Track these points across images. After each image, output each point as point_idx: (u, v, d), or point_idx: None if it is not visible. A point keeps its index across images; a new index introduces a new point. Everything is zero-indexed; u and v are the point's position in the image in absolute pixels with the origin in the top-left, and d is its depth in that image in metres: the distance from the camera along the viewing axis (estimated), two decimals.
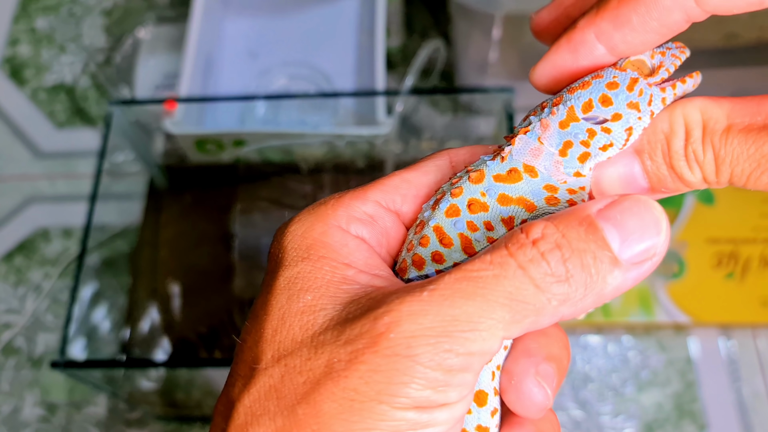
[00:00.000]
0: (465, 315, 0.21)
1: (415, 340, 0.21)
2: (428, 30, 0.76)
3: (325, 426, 0.21)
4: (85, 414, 0.61)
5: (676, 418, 0.59)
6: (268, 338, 0.23)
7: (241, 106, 0.67)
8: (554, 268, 0.22)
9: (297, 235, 0.26)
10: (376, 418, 0.21)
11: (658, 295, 0.60)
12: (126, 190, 0.67)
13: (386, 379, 0.21)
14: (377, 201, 0.27)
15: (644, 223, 0.23)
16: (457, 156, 0.28)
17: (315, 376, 0.22)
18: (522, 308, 0.22)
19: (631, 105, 0.25)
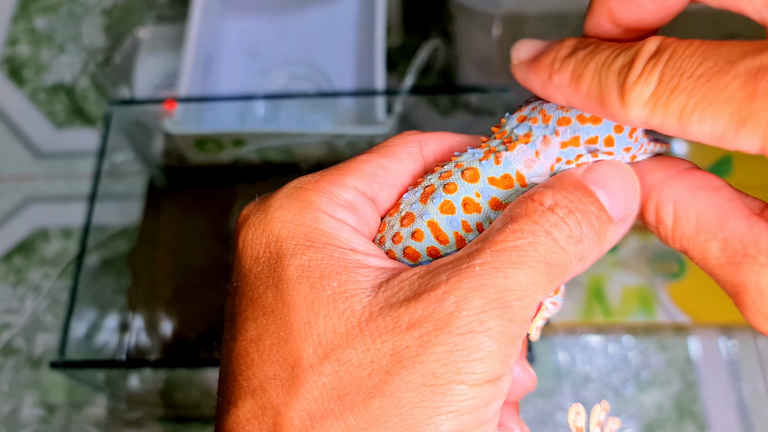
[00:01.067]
0: (517, 284, 0.22)
1: (485, 314, 0.21)
2: (428, 29, 0.76)
3: (409, 416, 0.20)
4: (84, 414, 0.61)
5: (677, 418, 0.59)
6: (302, 332, 0.22)
7: (240, 105, 0.67)
8: (574, 230, 0.24)
9: (287, 222, 0.24)
10: (457, 399, 0.21)
11: (658, 295, 0.60)
12: (125, 190, 0.66)
13: (464, 357, 0.21)
14: (356, 188, 0.26)
15: (624, 183, 0.25)
16: (428, 143, 0.28)
17: (382, 367, 0.21)
18: (554, 271, 0.23)
19: (626, 149, 0.27)
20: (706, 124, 0.20)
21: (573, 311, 0.60)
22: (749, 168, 0.64)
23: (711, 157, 0.65)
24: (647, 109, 0.21)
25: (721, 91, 0.19)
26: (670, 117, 0.21)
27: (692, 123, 0.20)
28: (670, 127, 0.21)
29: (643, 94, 0.21)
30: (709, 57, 0.20)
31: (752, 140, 0.19)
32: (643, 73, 0.21)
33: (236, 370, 0.23)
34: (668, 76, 0.21)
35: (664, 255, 0.62)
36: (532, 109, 0.28)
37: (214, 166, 0.66)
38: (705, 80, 0.20)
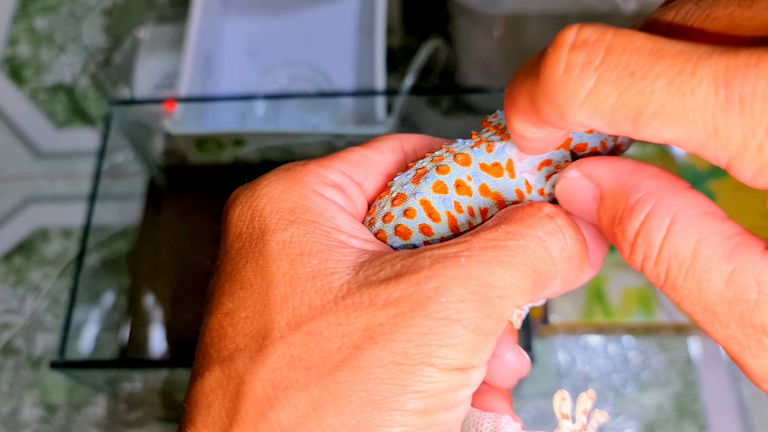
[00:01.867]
0: (500, 282, 0.22)
1: (464, 304, 0.21)
2: (428, 29, 0.76)
3: (375, 391, 0.20)
4: (84, 414, 0.61)
5: (677, 418, 0.59)
6: (277, 306, 0.22)
7: (240, 105, 0.67)
8: (569, 244, 0.23)
9: (273, 198, 0.24)
10: (425, 380, 0.21)
11: (658, 295, 0.60)
12: (125, 190, 0.66)
13: (437, 341, 0.21)
14: (343, 171, 0.26)
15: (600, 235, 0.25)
16: (408, 141, 0.29)
17: (352, 341, 0.21)
18: (539, 279, 0.23)
19: None
20: (668, 131, 0.18)
21: (573, 311, 0.60)
22: None
23: None
24: (586, 112, 0.19)
25: (687, 97, 0.17)
26: (622, 120, 0.18)
27: (650, 128, 0.18)
28: (615, 131, 0.19)
29: (578, 93, 0.18)
30: (663, 54, 0.18)
31: (721, 154, 0.18)
32: (570, 67, 0.19)
33: (208, 342, 0.23)
34: (612, 74, 0.18)
35: None
36: None
37: (214, 166, 0.66)
38: (666, 82, 0.17)
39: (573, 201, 0.24)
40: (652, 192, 0.21)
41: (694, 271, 0.20)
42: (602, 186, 0.23)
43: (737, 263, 0.19)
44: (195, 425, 0.21)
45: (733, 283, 0.19)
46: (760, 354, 0.20)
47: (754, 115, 0.17)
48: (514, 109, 0.21)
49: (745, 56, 0.17)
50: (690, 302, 0.21)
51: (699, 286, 0.20)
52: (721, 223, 0.20)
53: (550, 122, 0.20)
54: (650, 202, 0.21)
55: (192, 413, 0.22)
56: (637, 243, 0.21)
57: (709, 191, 0.64)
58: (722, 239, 0.20)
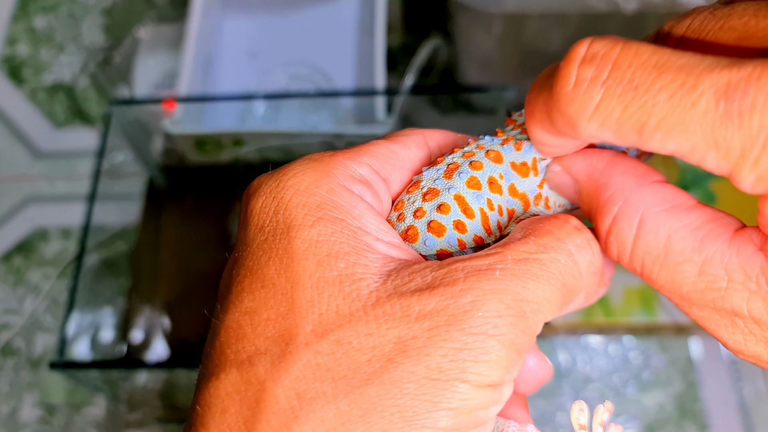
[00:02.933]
0: (534, 296, 0.21)
1: (501, 320, 0.21)
2: (428, 28, 0.76)
3: (408, 407, 0.19)
4: (84, 415, 0.61)
5: (678, 418, 0.59)
6: (303, 310, 0.21)
7: (240, 105, 0.66)
8: (595, 259, 0.23)
9: (300, 191, 0.23)
10: (458, 396, 0.20)
11: (659, 295, 0.60)
12: (125, 191, 0.66)
13: (473, 357, 0.20)
14: (370, 165, 0.25)
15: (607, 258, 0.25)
16: (432, 137, 0.28)
17: (384, 354, 0.20)
18: (567, 294, 0.23)
19: None
20: (671, 142, 0.18)
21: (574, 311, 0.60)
22: None
23: None
24: (595, 125, 0.19)
25: (688, 110, 0.18)
26: (628, 133, 0.19)
27: (654, 140, 0.19)
28: (624, 142, 0.20)
29: (586, 107, 0.19)
30: (666, 68, 0.18)
31: (723, 164, 0.18)
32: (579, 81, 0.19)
33: (224, 342, 0.21)
34: (617, 89, 0.19)
35: None
36: None
37: (214, 166, 0.66)
38: (668, 96, 0.18)
39: (561, 192, 0.25)
40: (619, 190, 0.22)
41: (667, 265, 0.21)
42: (579, 181, 0.24)
43: (707, 254, 0.21)
44: (208, 430, 0.20)
45: (704, 274, 0.21)
46: (734, 332, 0.21)
47: (752, 128, 0.17)
48: (533, 118, 0.22)
49: (748, 70, 0.17)
50: (667, 291, 0.22)
51: (673, 278, 0.21)
52: (689, 214, 0.21)
53: (564, 133, 0.21)
54: (618, 201, 0.22)
55: (205, 417, 0.20)
56: (610, 241, 0.22)
57: (709, 191, 0.63)
58: (691, 231, 0.21)
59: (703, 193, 0.63)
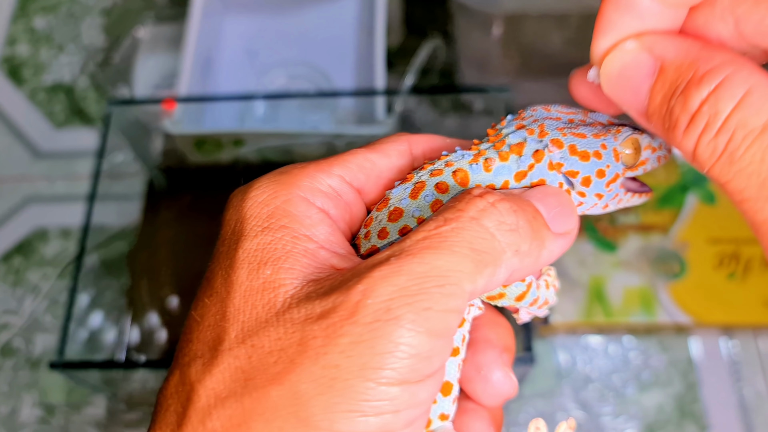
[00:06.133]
0: (436, 270, 0.21)
1: (393, 302, 0.20)
2: (428, 29, 0.76)
3: (303, 409, 0.20)
4: (83, 415, 0.61)
5: (678, 419, 0.59)
6: (231, 317, 0.22)
7: (240, 105, 0.66)
8: (506, 217, 0.23)
9: (258, 202, 0.24)
10: (360, 397, 0.19)
11: (659, 295, 0.60)
12: (125, 191, 0.66)
13: (369, 349, 0.20)
14: (341, 176, 0.26)
15: (562, 203, 0.25)
16: (418, 143, 0.28)
17: (288, 356, 0.20)
18: (482, 258, 0.22)
19: (598, 195, 0.28)
20: None
21: (573, 311, 0.60)
22: None
23: None
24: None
25: None
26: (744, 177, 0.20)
27: None
28: None
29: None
30: None
31: None
32: None
33: (179, 346, 0.24)
34: None
35: (666, 255, 0.61)
36: (534, 120, 0.28)
37: (214, 166, 0.66)
38: None
39: (622, 75, 0.23)
40: (727, 62, 0.21)
41: (762, 142, 0.20)
42: (665, 58, 0.22)
43: None
44: (154, 425, 0.22)
45: None
46: None
47: None
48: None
49: None
50: (746, 175, 0.20)
51: (764, 156, 0.20)
52: None
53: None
54: (725, 71, 0.21)
55: (155, 413, 0.23)
56: (701, 112, 0.21)
57: (709, 191, 0.63)
58: None
59: (703, 193, 0.63)
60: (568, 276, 0.61)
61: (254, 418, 0.20)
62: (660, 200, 0.63)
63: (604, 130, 0.27)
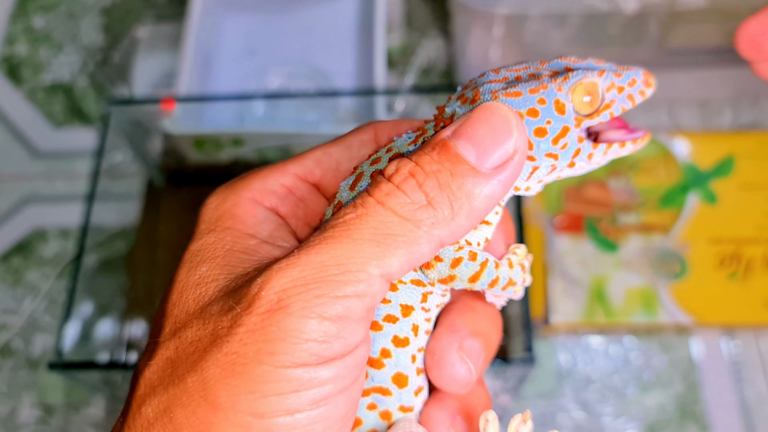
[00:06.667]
0: (333, 258, 0.22)
1: (285, 292, 0.21)
2: (428, 28, 0.76)
3: (210, 392, 0.21)
4: (83, 415, 0.61)
5: (679, 419, 0.59)
6: (168, 312, 0.24)
7: (239, 105, 0.66)
8: (412, 196, 0.23)
9: (210, 208, 0.27)
10: (258, 380, 0.21)
11: (660, 295, 0.60)
12: (124, 190, 0.66)
13: (262, 337, 0.21)
14: (296, 173, 0.28)
15: (494, 127, 0.23)
16: (383, 130, 0.29)
17: (203, 346, 0.22)
18: (391, 241, 0.22)
19: (550, 156, 0.25)
20: None
21: (574, 312, 0.60)
22: (751, 168, 0.64)
23: (713, 157, 0.64)
24: None
25: None
26: None
27: None
28: None
29: None
30: None
31: None
32: None
33: None
34: None
35: (667, 256, 0.61)
36: (474, 88, 0.26)
37: (213, 166, 0.66)
38: None
39: None
40: None
41: None
42: None
43: None
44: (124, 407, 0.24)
45: None
46: None
47: None
48: None
49: None
50: None
51: None
52: None
53: None
54: None
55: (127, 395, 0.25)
56: None
57: (710, 191, 0.63)
58: None
59: (704, 193, 0.63)
60: (568, 276, 0.61)
61: (175, 403, 0.22)
62: (661, 200, 0.63)
63: (549, 80, 0.25)
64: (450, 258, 0.25)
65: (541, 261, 0.61)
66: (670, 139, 0.65)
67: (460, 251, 0.25)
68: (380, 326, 0.26)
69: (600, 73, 0.24)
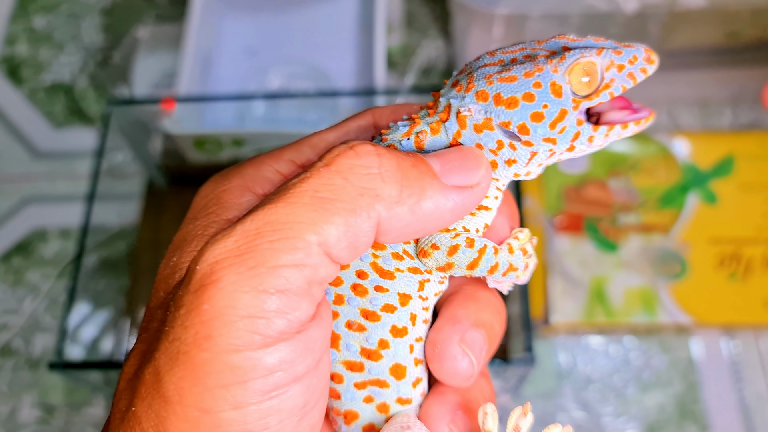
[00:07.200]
0: (269, 225, 0.20)
1: (217, 264, 0.20)
2: (428, 28, 0.76)
3: (162, 384, 0.20)
4: (83, 415, 0.61)
5: (679, 419, 0.59)
6: (149, 305, 0.24)
7: (240, 105, 0.66)
8: (363, 159, 0.21)
9: (201, 196, 0.26)
10: (199, 370, 0.19)
11: (660, 295, 0.60)
12: (124, 191, 0.66)
13: (198, 318, 0.19)
14: (291, 159, 0.27)
15: (464, 156, 0.24)
16: (381, 115, 0.28)
17: (158, 334, 0.22)
18: (329, 206, 0.20)
19: (548, 140, 0.24)
20: None
21: (574, 312, 0.60)
22: (750, 168, 0.64)
23: (713, 158, 0.64)
24: None
25: None
26: None
27: None
28: None
29: None
30: None
31: None
32: None
33: None
34: None
35: (667, 256, 0.61)
36: (468, 73, 0.26)
37: (214, 165, 0.66)
38: None
39: None
40: None
41: None
42: None
43: None
44: None
45: None
46: None
47: None
48: None
49: None
50: None
51: None
52: None
53: None
54: None
55: None
56: None
57: (710, 191, 0.63)
58: None
59: (704, 193, 0.63)
60: (568, 276, 0.61)
61: (138, 397, 0.21)
62: (661, 200, 0.63)
63: (545, 62, 0.24)
64: (447, 245, 0.24)
65: (541, 261, 0.61)
66: (670, 139, 0.65)
67: (457, 238, 0.25)
68: (378, 317, 0.25)
69: (598, 51, 0.24)
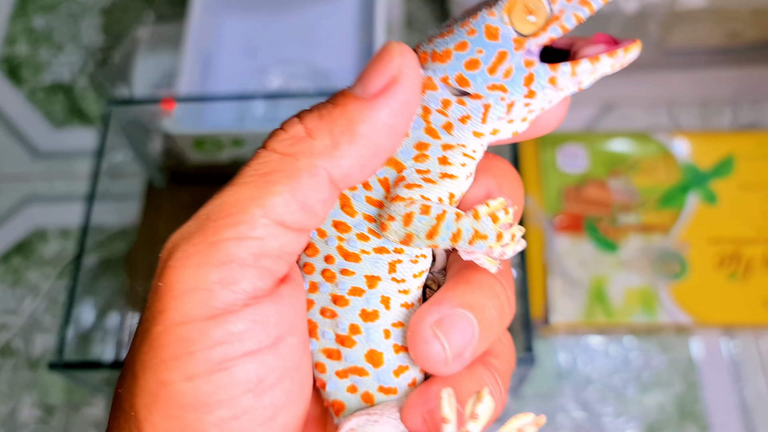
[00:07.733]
0: (217, 207, 0.22)
1: (172, 247, 0.21)
2: (428, 28, 0.76)
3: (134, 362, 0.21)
4: (83, 415, 0.61)
5: (679, 419, 0.59)
6: None
7: (239, 105, 0.66)
8: (290, 131, 0.23)
9: None
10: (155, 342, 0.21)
11: (660, 295, 0.60)
12: (124, 191, 0.66)
13: (155, 296, 0.21)
14: None
15: (375, 58, 0.23)
16: None
17: None
18: (270, 178, 0.22)
19: (496, 88, 0.23)
20: None
21: (574, 312, 0.60)
22: (751, 168, 0.64)
23: (713, 158, 0.64)
24: None
25: None
26: None
27: None
28: None
29: None
30: None
31: None
32: None
33: None
34: None
35: (667, 256, 0.61)
36: None
37: (213, 166, 0.66)
38: None
39: None
40: None
41: None
42: None
43: None
44: None
45: None
46: None
47: None
48: None
49: None
50: None
51: None
52: None
53: None
54: None
55: None
56: None
57: (710, 191, 0.63)
58: None
59: (703, 193, 0.63)
60: (568, 276, 0.61)
61: (122, 376, 0.22)
62: (661, 200, 0.63)
63: (481, 8, 0.23)
64: (400, 214, 0.23)
65: (541, 261, 0.61)
66: (670, 139, 0.65)
67: (412, 206, 0.23)
68: (347, 301, 0.24)
69: None
